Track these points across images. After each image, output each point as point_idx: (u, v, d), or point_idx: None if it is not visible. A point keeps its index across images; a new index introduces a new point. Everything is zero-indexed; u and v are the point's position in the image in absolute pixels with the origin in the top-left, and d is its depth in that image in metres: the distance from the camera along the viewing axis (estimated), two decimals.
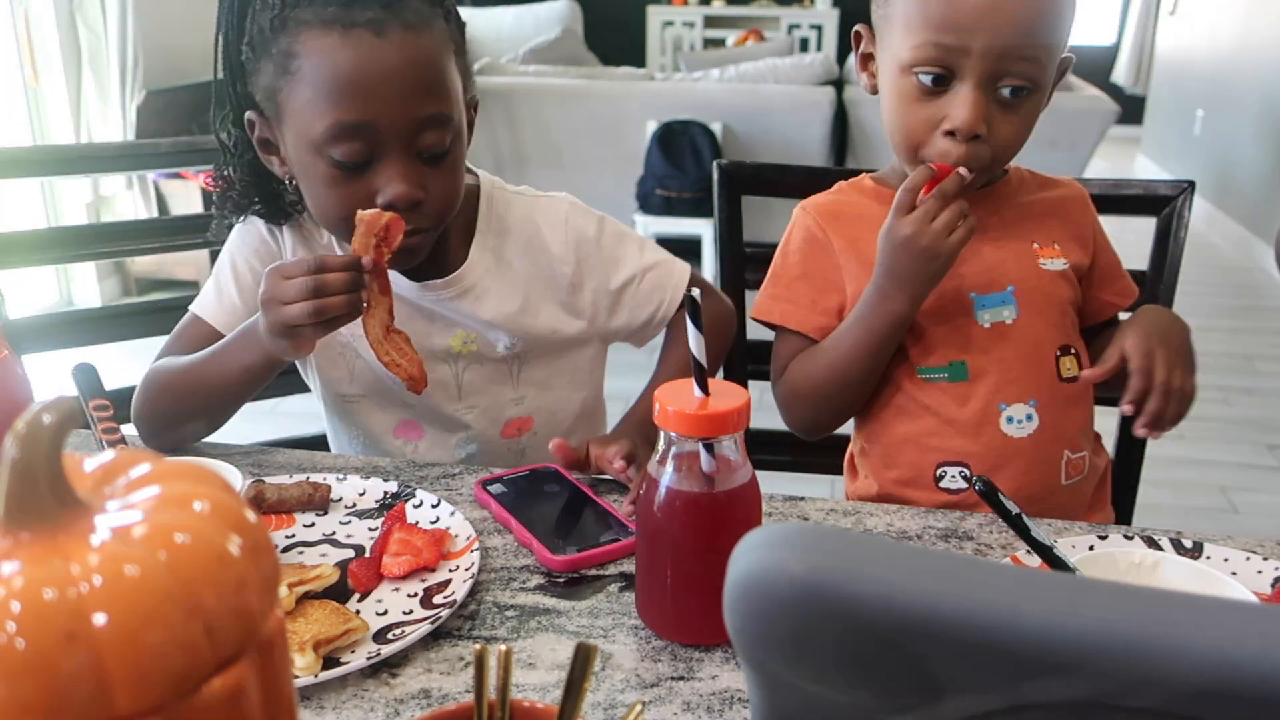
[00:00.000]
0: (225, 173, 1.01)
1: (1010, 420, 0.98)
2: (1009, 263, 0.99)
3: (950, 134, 0.91)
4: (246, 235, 1.06)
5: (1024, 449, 0.98)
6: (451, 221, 0.99)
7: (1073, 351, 1.01)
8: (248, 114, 0.95)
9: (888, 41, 0.95)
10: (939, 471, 1.00)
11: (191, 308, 1.05)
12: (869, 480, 1.06)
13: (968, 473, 0.99)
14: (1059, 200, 1.05)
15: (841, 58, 4.78)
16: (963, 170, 0.90)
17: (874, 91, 1.00)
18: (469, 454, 1.10)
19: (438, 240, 0.99)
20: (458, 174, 0.95)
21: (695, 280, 1.10)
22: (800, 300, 1.03)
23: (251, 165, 0.99)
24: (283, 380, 1.12)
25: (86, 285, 3.85)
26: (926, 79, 0.90)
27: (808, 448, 1.24)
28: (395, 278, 0.99)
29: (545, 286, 1.07)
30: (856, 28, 1.00)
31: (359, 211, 0.87)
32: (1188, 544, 0.84)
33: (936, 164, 0.91)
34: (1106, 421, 1.08)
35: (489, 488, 0.91)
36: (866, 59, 1.00)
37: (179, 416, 0.99)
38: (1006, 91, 0.90)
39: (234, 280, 1.03)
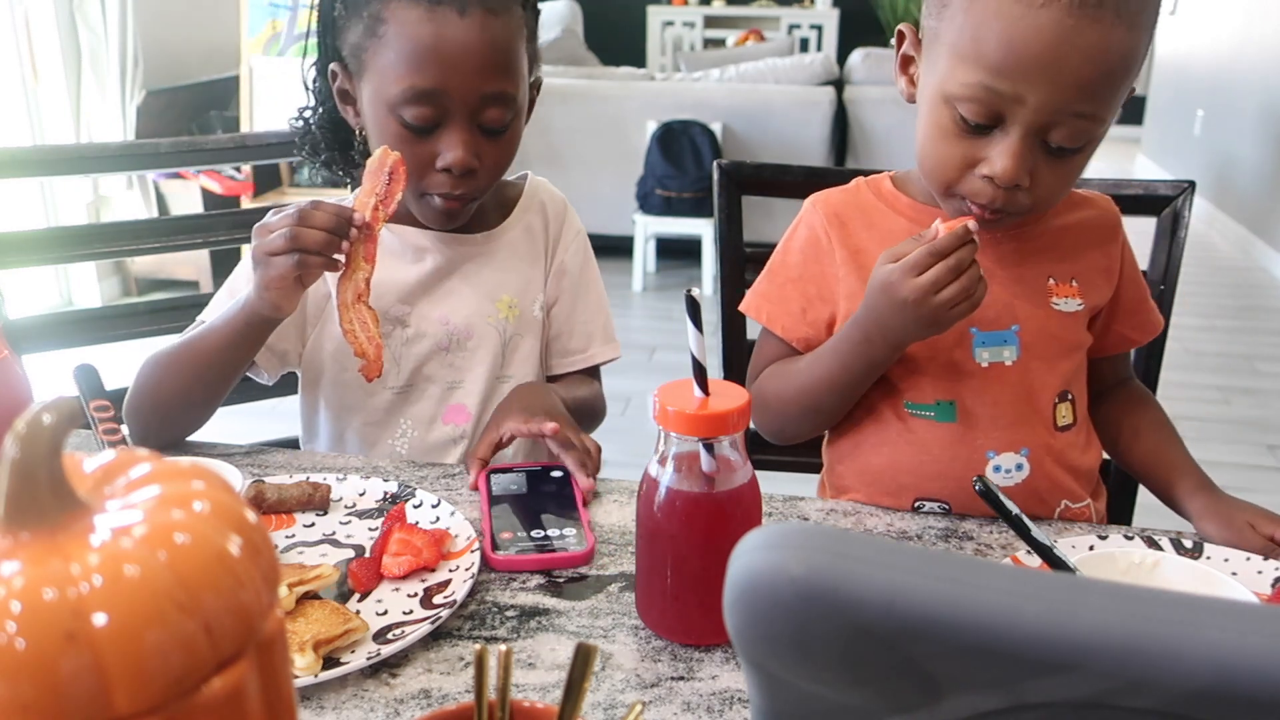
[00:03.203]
0: (305, 116, 1.10)
1: (998, 469, 0.93)
2: (1018, 299, 0.93)
3: (988, 178, 0.84)
4: None
5: (1009, 497, 0.91)
6: (493, 194, 1.08)
7: (1070, 397, 0.96)
8: (331, 65, 1.04)
9: (933, 61, 0.87)
10: (917, 504, 0.95)
11: (201, 317, 1.06)
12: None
13: (948, 507, 0.94)
14: (1086, 225, 0.98)
15: (841, 58, 4.77)
16: (976, 239, 0.82)
17: (911, 100, 0.92)
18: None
19: (478, 208, 1.08)
20: (512, 148, 1.03)
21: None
22: (790, 305, 0.98)
23: (330, 112, 1.08)
24: (284, 381, 1.12)
25: (86, 285, 3.85)
26: (972, 118, 0.83)
27: (808, 448, 1.23)
28: (436, 235, 1.08)
29: (553, 258, 1.15)
30: (900, 26, 0.93)
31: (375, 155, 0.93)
32: (1188, 544, 0.84)
33: (975, 228, 0.83)
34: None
35: (491, 476, 0.92)
36: (907, 62, 0.92)
37: (168, 396, 0.99)
38: (1057, 142, 0.82)
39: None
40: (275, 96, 3.87)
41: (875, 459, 0.97)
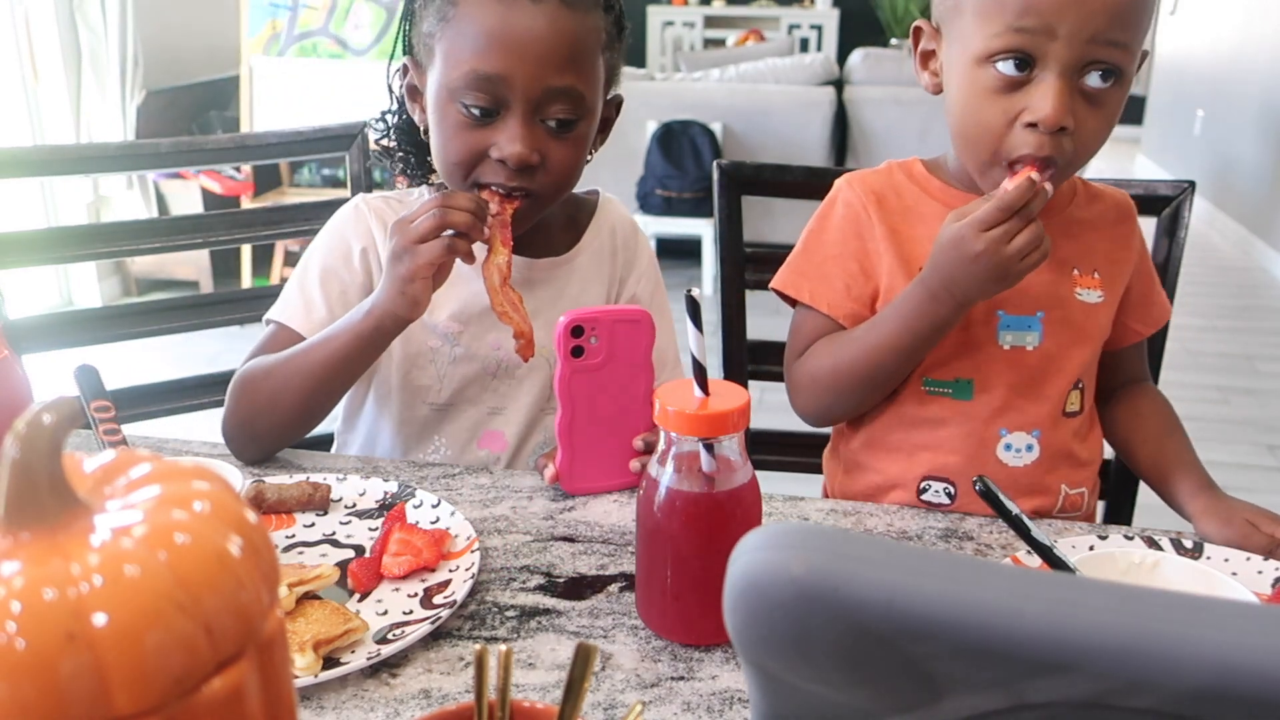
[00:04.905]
0: (385, 117, 1.09)
1: (1009, 448, 0.95)
2: (1045, 287, 0.94)
3: (1032, 126, 0.84)
4: (338, 245, 1.06)
5: (1018, 478, 0.95)
6: (563, 212, 1.07)
7: (1080, 386, 0.97)
8: (404, 60, 1.02)
9: (957, 34, 0.88)
10: (923, 484, 0.97)
11: (275, 317, 1.03)
12: (843, 479, 1.03)
13: (953, 490, 0.96)
14: (1107, 216, 1.00)
15: (841, 58, 4.77)
16: (1048, 186, 0.84)
17: (936, 91, 0.94)
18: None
19: (545, 228, 1.05)
20: (579, 151, 0.98)
21: None
22: (834, 282, 0.97)
23: (408, 114, 1.06)
24: None
25: (86, 285, 3.85)
26: (1007, 67, 0.84)
27: (808, 448, 1.23)
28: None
29: (623, 287, 1.13)
30: (916, 23, 0.94)
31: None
32: (1188, 544, 0.84)
33: (1033, 168, 0.84)
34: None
35: None
36: (927, 57, 0.94)
37: (287, 409, 0.96)
38: (1093, 79, 0.83)
39: (320, 289, 1.03)
40: (275, 96, 3.87)
41: (890, 437, 0.98)
